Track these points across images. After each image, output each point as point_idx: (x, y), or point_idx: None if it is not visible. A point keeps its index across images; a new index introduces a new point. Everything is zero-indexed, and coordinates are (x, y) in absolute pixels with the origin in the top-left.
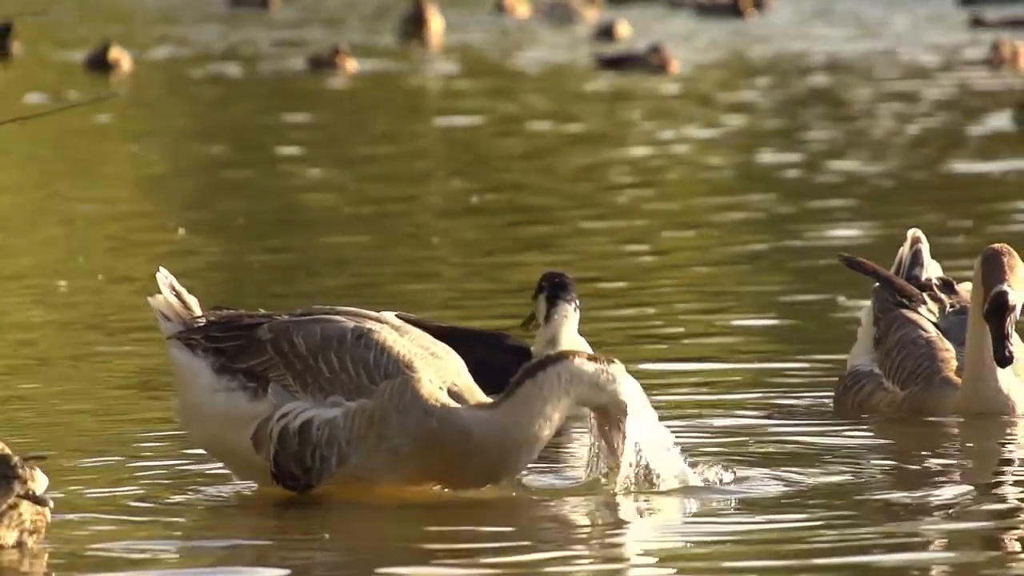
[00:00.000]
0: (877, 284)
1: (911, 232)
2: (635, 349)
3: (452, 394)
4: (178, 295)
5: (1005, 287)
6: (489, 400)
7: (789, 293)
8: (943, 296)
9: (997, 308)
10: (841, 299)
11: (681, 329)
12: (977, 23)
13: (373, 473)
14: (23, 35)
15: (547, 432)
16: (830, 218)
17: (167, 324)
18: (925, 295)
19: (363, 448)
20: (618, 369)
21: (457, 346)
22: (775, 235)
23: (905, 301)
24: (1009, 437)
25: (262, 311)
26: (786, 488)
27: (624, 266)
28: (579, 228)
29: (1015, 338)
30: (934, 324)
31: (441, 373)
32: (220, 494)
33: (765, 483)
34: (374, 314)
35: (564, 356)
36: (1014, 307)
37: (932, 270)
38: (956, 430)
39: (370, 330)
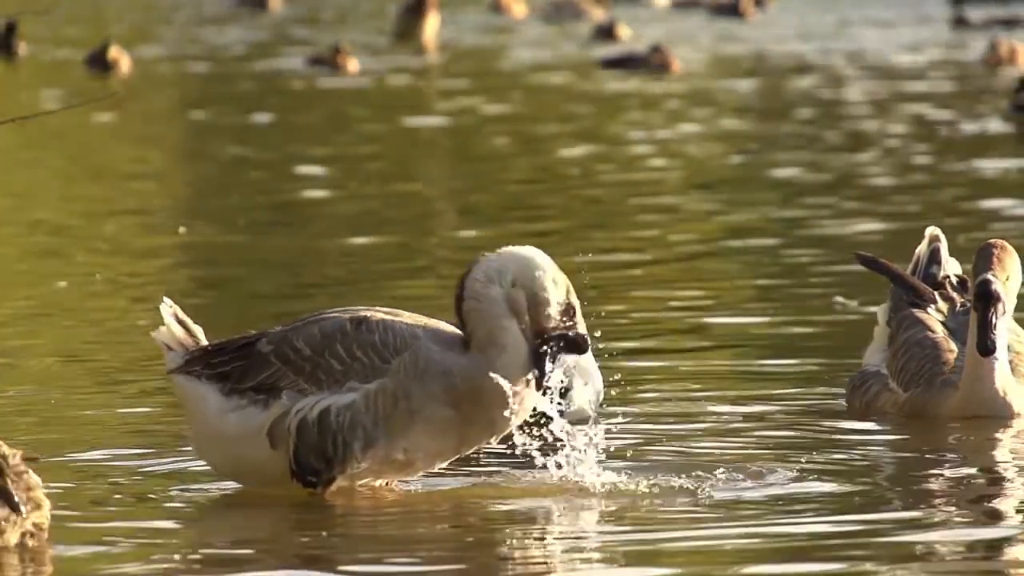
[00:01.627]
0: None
1: (929, 230)
2: (629, 347)
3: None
4: (183, 324)
5: (990, 276)
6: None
7: (784, 290)
8: (955, 295)
9: (981, 296)
10: (839, 299)
11: (671, 326)
12: (960, 22)
13: (414, 451)
14: (26, 34)
15: (521, 313)
16: (825, 217)
17: (171, 355)
18: (937, 294)
19: (394, 427)
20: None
21: None
22: (775, 234)
23: (917, 300)
24: (1008, 439)
25: (252, 332)
26: (781, 491)
27: (605, 264)
28: (561, 227)
29: (1020, 334)
30: (943, 324)
31: (440, 336)
32: (219, 494)
33: (762, 484)
34: (363, 307)
35: (468, 268)
36: (998, 295)
37: (950, 268)
38: (957, 432)
39: (366, 316)
